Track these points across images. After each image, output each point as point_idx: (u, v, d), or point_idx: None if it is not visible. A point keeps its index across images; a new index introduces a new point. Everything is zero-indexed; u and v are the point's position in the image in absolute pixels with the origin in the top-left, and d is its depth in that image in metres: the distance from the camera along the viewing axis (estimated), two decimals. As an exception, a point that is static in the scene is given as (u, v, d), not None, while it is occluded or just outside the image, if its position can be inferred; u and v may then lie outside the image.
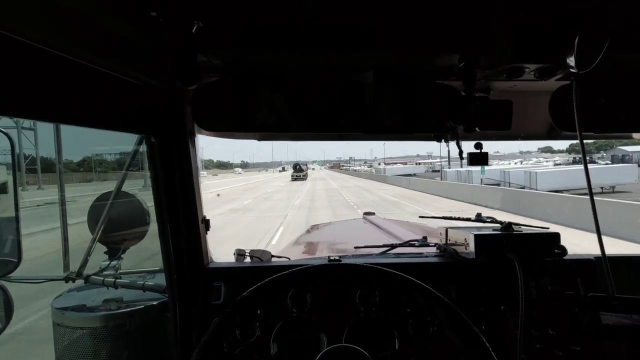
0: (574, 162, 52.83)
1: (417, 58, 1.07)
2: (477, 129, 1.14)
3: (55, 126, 1.47)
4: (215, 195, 27.07)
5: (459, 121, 1.12)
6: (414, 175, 55.31)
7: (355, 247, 1.75)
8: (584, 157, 1.04)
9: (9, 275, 1.38)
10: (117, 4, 0.73)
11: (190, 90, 1.09)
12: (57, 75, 0.75)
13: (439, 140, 1.36)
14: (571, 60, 0.88)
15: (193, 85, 0.88)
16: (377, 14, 0.82)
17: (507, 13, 0.85)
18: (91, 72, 0.83)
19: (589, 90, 1.05)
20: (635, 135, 1.43)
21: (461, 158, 1.33)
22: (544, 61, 1.00)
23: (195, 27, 0.78)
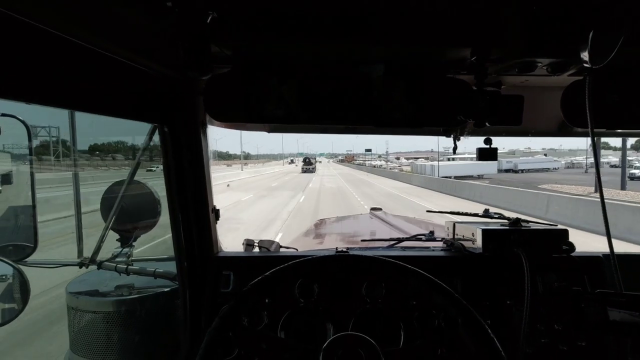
0: None
1: (428, 51, 1.07)
2: (487, 123, 1.14)
3: (71, 115, 1.51)
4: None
5: (469, 115, 1.12)
6: (478, 177, 39.14)
7: (363, 240, 1.77)
8: (594, 154, 1.04)
9: (25, 260, 1.42)
10: None
11: (203, 81, 1.10)
12: (73, 62, 0.77)
13: (448, 135, 1.36)
14: (585, 55, 0.87)
15: (206, 75, 0.89)
16: (389, 5, 0.82)
17: (519, 6, 0.85)
18: (107, 60, 0.84)
19: (602, 86, 1.04)
20: None
21: (454, 153, 1.35)
22: (557, 56, 0.99)
23: (210, 18, 0.79)
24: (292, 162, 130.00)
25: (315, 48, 1.06)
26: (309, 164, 57.97)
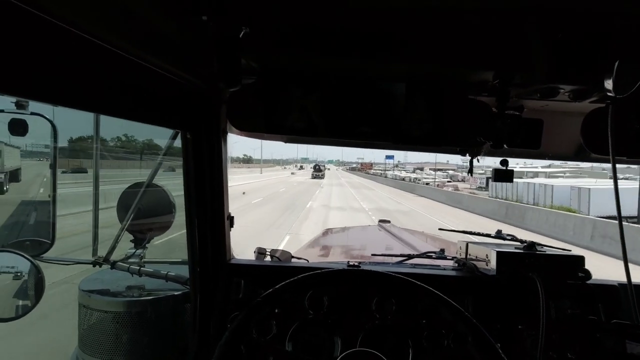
0: None
1: (451, 72, 1.09)
2: (505, 146, 1.14)
3: (96, 118, 1.55)
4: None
5: (488, 137, 1.12)
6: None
7: (373, 255, 1.76)
8: (615, 181, 1.03)
9: (41, 256, 1.45)
10: (171, 6, 0.77)
11: (228, 90, 1.13)
12: (104, 66, 0.79)
13: (464, 154, 1.37)
14: (609, 84, 0.88)
15: (235, 87, 0.91)
16: (415, 25, 0.84)
17: (545, 33, 0.85)
18: (137, 66, 0.86)
19: (623, 114, 1.03)
20: None
21: (470, 173, 1.36)
22: (580, 83, 1.00)
23: (242, 33, 0.82)
24: (301, 168, 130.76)
25: (339, 63, 1.08)
26: (318, 171, 65.12)
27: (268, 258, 1.51)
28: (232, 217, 1.43)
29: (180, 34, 0.87)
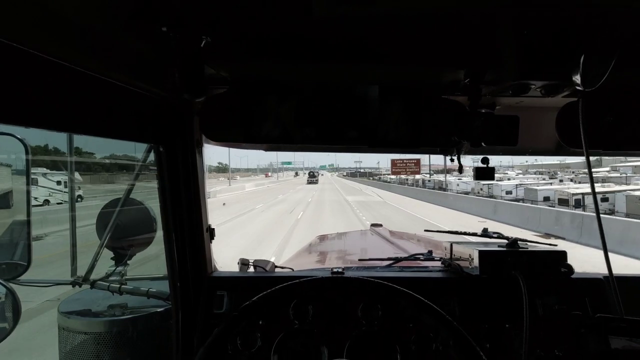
0: None
1: (423, 73, 1.08)
2: (482, 144, 1.14)
3: (69, 137, 1.52)
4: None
5: (463, 137, 1.12)
6: None
7: (360, 260, 1.74)
8: (590, 174, 1.03)
9: (18, 278, 1.40)
10: (129, 18, 0.76)
11: (199, 101, 1.11)
12: (70, 86, 0.78)
13: (446, 154, 1.36)
14: (577, 78, 0.88)
15: (200, 97, 0.90)
16: (383, 28, 0.83)
17: (513, 30, 0.85)
18: (103, 83, 0.85)
19: (596, 107, 1.04)
20: None
21: (460, 172, 1.35)
22: (550, 78, 1.00)
23: (203, 42, 0.81)
24: (296, 174, 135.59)
25: (310, 69, 1.07)
26: (312, 177, 70.90)
27: (252, 269, 1.48)
28: (213, 228, 1.40)
29: (143, 47, 0.85)
